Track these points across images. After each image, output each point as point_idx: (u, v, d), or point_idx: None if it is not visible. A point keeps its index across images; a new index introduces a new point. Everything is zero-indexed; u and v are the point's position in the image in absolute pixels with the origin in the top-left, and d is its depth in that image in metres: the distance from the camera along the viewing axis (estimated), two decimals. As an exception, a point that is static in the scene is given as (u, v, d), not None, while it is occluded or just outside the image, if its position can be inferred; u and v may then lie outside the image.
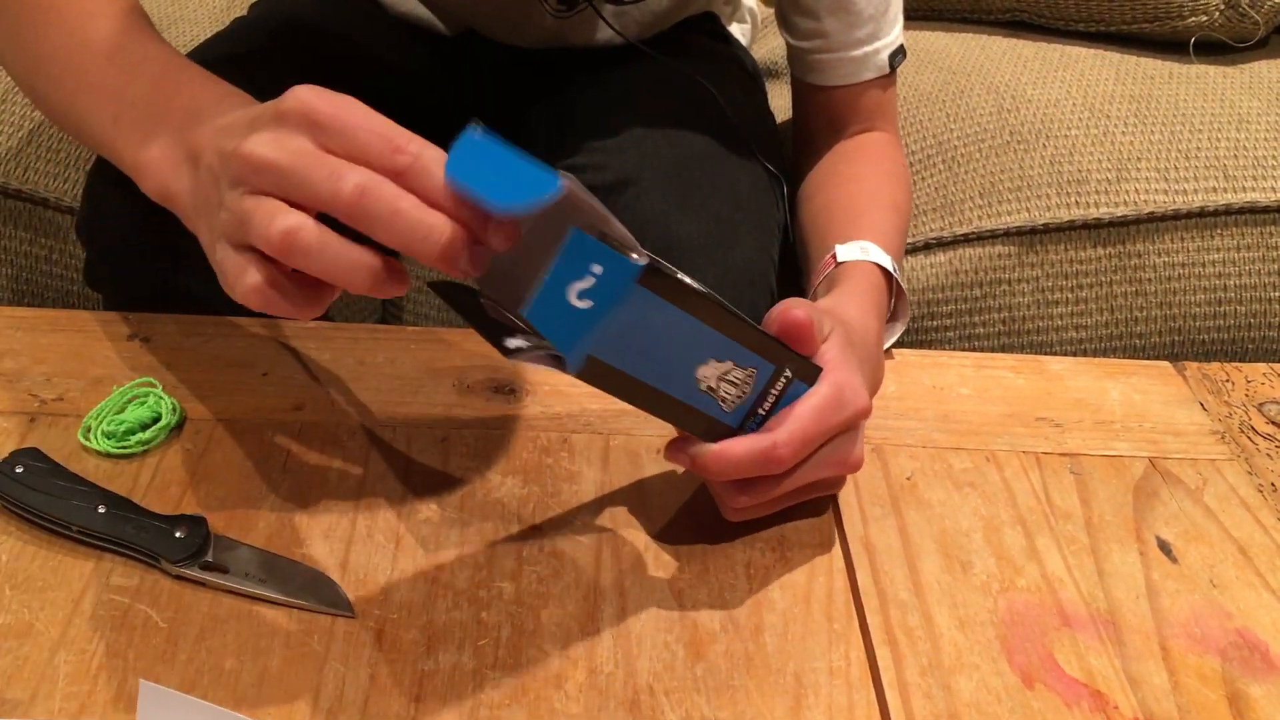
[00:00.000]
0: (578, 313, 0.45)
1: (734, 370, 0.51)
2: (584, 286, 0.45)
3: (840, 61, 0.79)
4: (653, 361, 0.49)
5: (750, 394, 0.52)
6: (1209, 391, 0.70)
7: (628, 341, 0.48)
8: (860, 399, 0.54)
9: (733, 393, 0.52)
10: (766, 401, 0.52)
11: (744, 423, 0.53)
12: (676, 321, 0.48)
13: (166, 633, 0.49)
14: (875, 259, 0.67)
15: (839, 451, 0.54)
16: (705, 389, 0.51)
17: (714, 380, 0.51)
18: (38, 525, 0.54)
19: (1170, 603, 0.55)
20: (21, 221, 0.92)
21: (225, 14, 1.14)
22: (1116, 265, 0.95)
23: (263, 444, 0.60)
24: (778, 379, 0.52)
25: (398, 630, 0.50)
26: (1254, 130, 1.01)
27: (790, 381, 0.52)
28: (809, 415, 0.52)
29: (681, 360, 0.50)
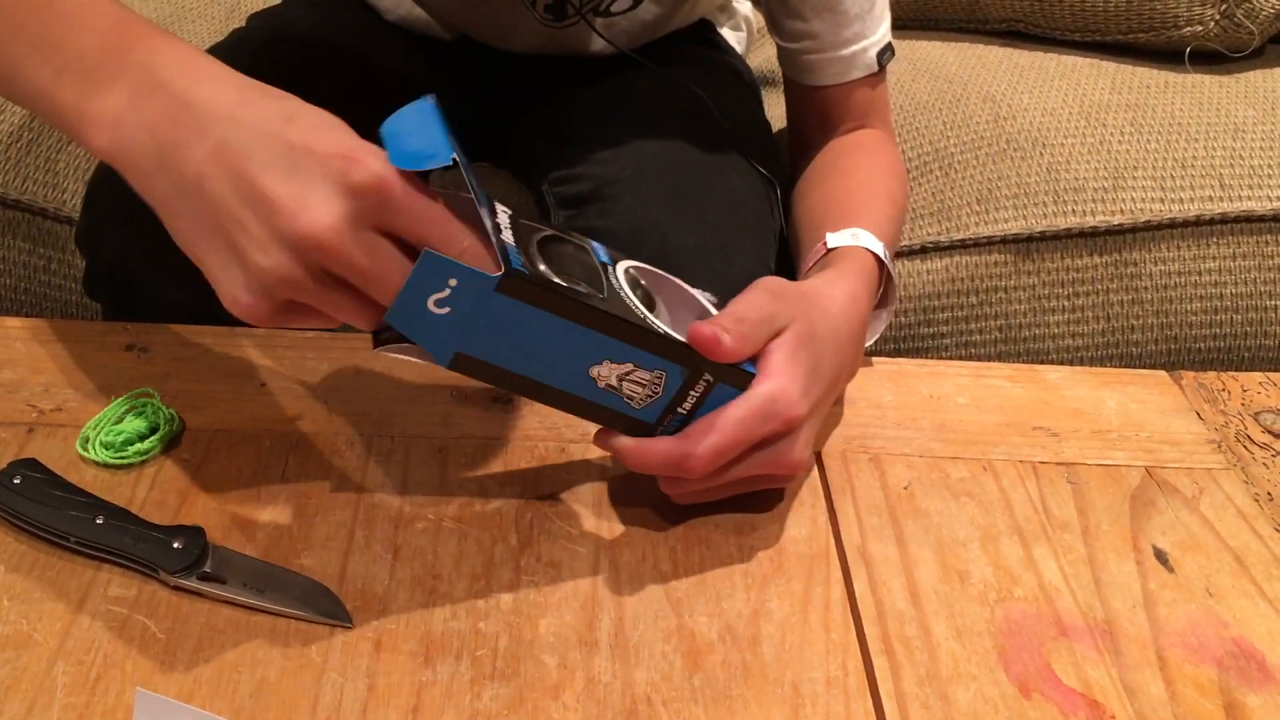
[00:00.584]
0: (438, 318, 0.48)
1: (637, 371, 0.52)
2: (441, 296, 0.47)
3: (829, 61, 0.80)
4: (534, 359, 0.51)
5: (662, 394, 0.53)
6: (1205, 401, 0.70)
7: (499, 340, 0.50)
8: (793, 409, 0.54)
9: (640, 392, 0.52)
10: (686, 402, 0.53)
11: (663, 418, 0.54)
12: (552, 325, 0.50)
13: (165, 643, 0.49)
14: (866, 244, 0.66)
15: (775, 454, 0.55)
16: (605, 387, 0.52)
17: (614, 380, 0.52)
18: (36, 536, 0.54)
19: (1167, 612, 0.55)
20: (20, 231, 0.92)
21: (224, 25, 1.15)
22: (1113, 273, 0.95)
23: (260, 454, 0.60)
24: (695, 383, 0.53)
25: (396, 640, 0.50)
26: (1250, 139, 1.01)
27: (713, 386, 0.53)
28: (729, 427, 0.53)
29: (570, 359, 0.51)
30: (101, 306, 0.77)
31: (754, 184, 0.83)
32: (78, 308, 0.93)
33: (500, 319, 0.49)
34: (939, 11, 1.26)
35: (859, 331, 0.62)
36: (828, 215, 0.73)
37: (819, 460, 0.63)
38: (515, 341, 0.50)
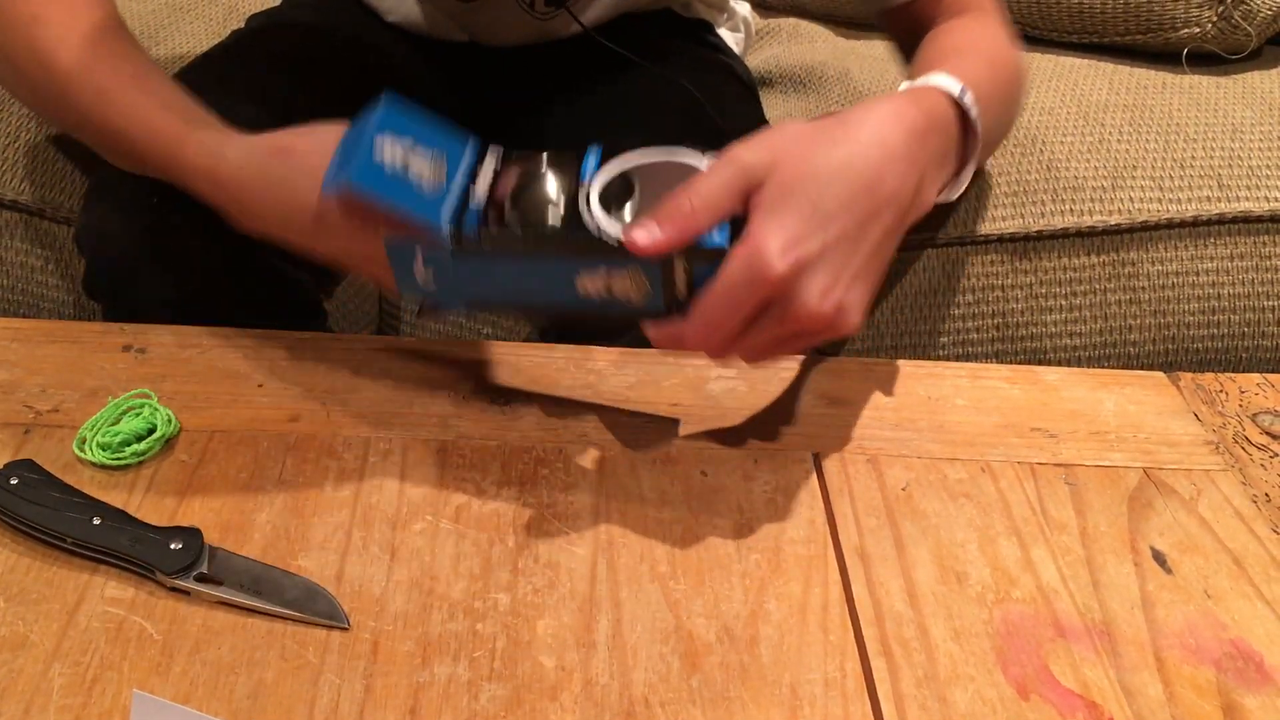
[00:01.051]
0: (429, 280, 0.56)
1: (615, 277, 0.53)
2: (421, 265, 0.55)
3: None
4: (526, 290, 0.55)
5: (651, 289, 0.53)
6: (1203, 402, 0.70)
7: (489, 283, 0.55)
8: (768, 269, 0.50)
9: (631, 290, 0.53)
10: (679, 287, 0.53)
11: (670, 305, 0.54)
12: (521, 265, 0.54)
13: (161, 645, 0.49)
14: (938, 83, 0.58)
15: (782, 316, 0.52)
16: (598, 296, 0.54)
17: (601, 289, 0.53)
18: (33, 537, 0.54)
19: (1165, 614, 0.55)
20: (18, 233, 0.91)
21: (222, 25, 1.15)
22: (1110, 273, 0.95)
23: (258, 455, 0.60)
24: (673, 270, 0.52)
25: (393, 642, 0.50)
26: (1248, 140, 1.01)
27: (691, 269, 0.52)
28: (709, 302, 0.51)
29: (554, 282, 0.54)
30: (100, 307, 0.77)
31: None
32: (75, 308, 0.92)
33: (476, 269, 0.55)
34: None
35: (897, 158, 0.54)
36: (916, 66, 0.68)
37: (816, 462, 0.63)
38: (501, 281, 0.55)
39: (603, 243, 0.52)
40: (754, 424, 0.65)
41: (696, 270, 0.52)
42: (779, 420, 0.66)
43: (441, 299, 0.57)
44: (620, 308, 0.54)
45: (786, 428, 0.65)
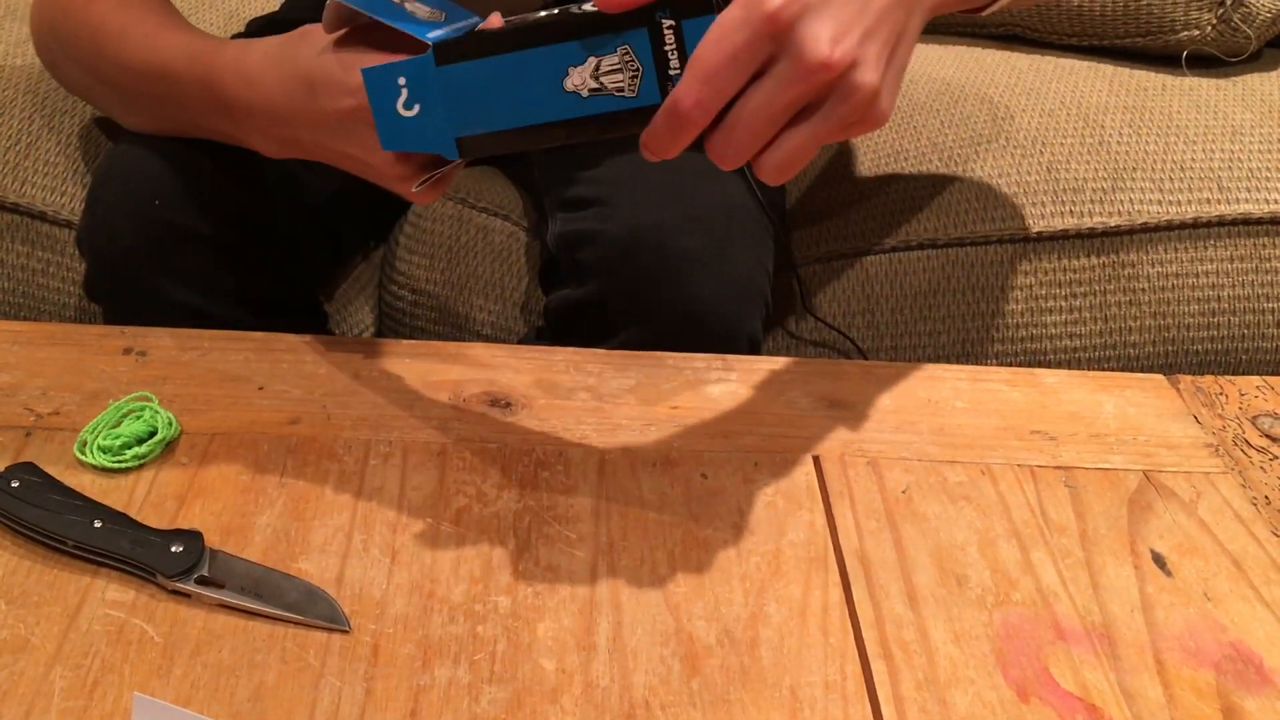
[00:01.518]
0: (416, 119, 0.54)
1: (604, 61, 0.50)
2: (404, 99, 0.53)
3: None
4: (519, 106, 0.52)
5: (645, 69, 0.49)
6: (1203, 404, 0.70)
7: (481, 106, 0.52)
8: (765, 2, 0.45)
9: (624, 78, 0.50)
10: (671, 62, 0.49)
11: (667, 91, 0.50)
12: (506, 65, 0.51)
13: (162, 647, 0.49)
14: None
15: (795, 64, 0.46)
16: (591, 93, 0.51)
17: (592, 82, 0.50)
18: (33, 540, 0.54)
19: (1165, 616, 0.55)
20: (19, 235, 0.92)
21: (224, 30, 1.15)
22: (1110, 275, 0.95)
23: (259, 458, 0.60)
24: (662, 36, 0.49)
25: (393, 644, 0.50)
26: (1247, 142, 1.01)
27: (679, 27, 0.48)
28: (701, 49, 0.46)
29: (543, 89, 0.51)
30: (102, 309, 0.77)
31: (746, 189, 0.83)
32: (76, 311, 0.93)
33: (462, 88, 0.52)
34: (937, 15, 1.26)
35: None
36: None
37: (816, 465, 0.63)
38: (488, 100, 0.52)
39: (586, 15, 0.49)
40: (754, 427, 0.65)
41: (689, 33, 0.48)
42: (779, 423, 0.66)
43: (430, 140, 0.54)
44: (617, 109, 0.50)
45: (786, 430, 0.65)
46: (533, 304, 0.92)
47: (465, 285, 0.92)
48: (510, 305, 0.93)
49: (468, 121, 0.53)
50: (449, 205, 0.95)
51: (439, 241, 0.93)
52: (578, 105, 0.51)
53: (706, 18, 0.47)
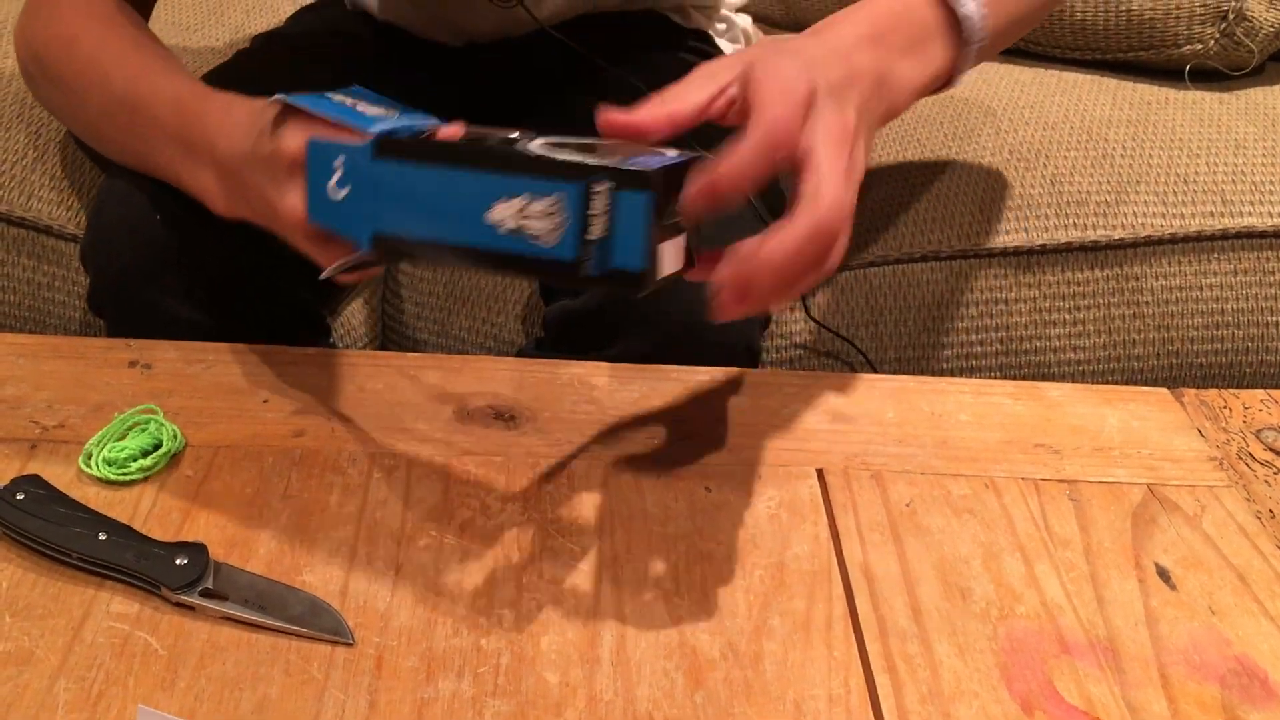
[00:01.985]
0: (343, 202, 0.54)
1: (532, 204, 0.49)
2: (338, 178, 0.54)
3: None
4: (438, 220, 0.52)
5: (569, 224, 0.49)
6: (1207, 418, 0.70)
7: (404, 209, 0.52)
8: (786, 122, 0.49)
9: (544, 226, 0.49)
10: (594, 226, 0.48)
11: (582, 252, 0.49)
12: (440, 178, 0.51)
13: (166, 660, 0.50)
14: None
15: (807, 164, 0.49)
16: (508, 232, 0.50)
17: (513, 221, 0.50)
18: (38, 552, 0.54)
19: (1169, 630, 0.55)
20: (25, 249, 0.92)
21: (229, 46, 1.16)
22: (1114, 288, 0.95)
23: (263, 471, 0.60)
24: (592, 197, 0.48)
25: (397, 657, 0.50)
26: (1251, 155, 1.01)
27: (613, 196, 0.48)
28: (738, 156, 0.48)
29: (466, 210, 0.50)
30: (105, 323, 0.77)
31: (748, 200, 0.83)
32: (81, 324, 0.93)
33: (392, 186, 0.53)
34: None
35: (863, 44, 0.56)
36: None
37: (820, 478, 0.63)
38: (413, 206, 0.52)
39: (529, 158, 0.50)
40: (758, 439, 0.65)
41: (621, 202, 0.48)
42: (783, 435, 0.66)
43: (350, 226, 0.54)
44: (527, 251, 0.50)
45: (790, 443, 0.65)
46: (533, 315, 0.92)
47: (467, 297, 0.93)
48: (511, 317, 0.93)
49: (388, 220, 0.53)
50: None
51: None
52: (493, 238, 0.50)
53: (642, 194, 0.48)
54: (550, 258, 0.50)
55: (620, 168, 0.48)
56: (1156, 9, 1.16)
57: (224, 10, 1.22)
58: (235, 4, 1.24)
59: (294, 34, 0.95)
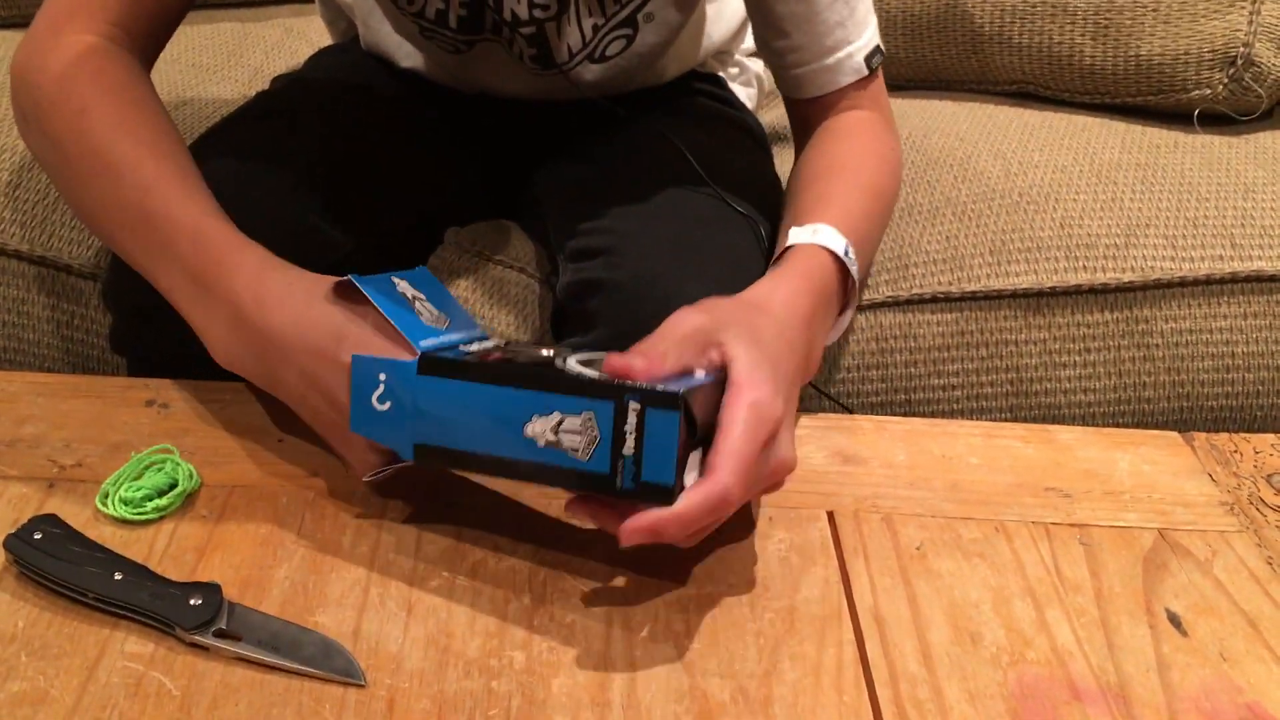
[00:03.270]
0: (385, 414, 0.56)
1: (566, 420, 0.53)
2: (380, 393, 0.56)
3: (816, 72, 0.81)
4: (478, 433, 0.55)
5: (601, 439, 0.52)
6: (1217, 463, 0.70)
7: (445, 422, 0.55)
8: (774, 408, 0.54)
9: (578, 441, 0.53)
10: (627, 441, 0.52)
11: (615, 466, 0.52)
12: (479, 394, 0.55)
13: (180, 701, 0.50)
14: (824, 241, 0.67)
15: (768, 461, 0.55)
16: (546, 444, 0.53)
17: (549, 434, 0.53)
18: (54, 592, 0.54)
19: (1181, 676, 0.55)
20: (45, 287, 0.93)
21: (247, 86, 1.17)
22: (1124, 330, 0.95)
23: (277, 511, 0.61)
24: (624, 416, 0.52)
25: (409, 699, 0.51)
26: (1260, 200, 1.02)
27: (643, 414, 0.52)
28: (740, 443, 0.52)
29: (505, 424, 0.54)
30: (126, 361, 0.78)
31: (755, 239, 0.84)
32: (99, 363, 0.94)
33: (433, 399, 0.55)
34: (949, 73, 1.28)
35: (804, 330, 0.63)
36: (799, 202, 0.74)
37: (831, 521, 0.63)
38: (454, 419, 0.55)
39: (566, 376, 0.54)
40: (768, 482, 0.65)
41: (650, 422, 0.51)
42: (793, 478, 0.66)
43: (392, 436, 0.57)
44: (562, 465, 0.53)
45: (801, 486, 0.65)
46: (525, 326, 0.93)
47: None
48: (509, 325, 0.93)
49: (430, 432, 0.56)
50: (466, 258, 0.96)
51: (456, 294, 0.94)
52: (531, 450, 0.54)
53: (671, 413, 0.51)
54: (585, 470, 0.53)
55: (650, 388, 0.52)
56: (1165, 54, 1.17)
57: (243, 52, 1.24)
58: (254, 46, 1.26)
59: (314, 79, 0.96)
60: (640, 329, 0.75)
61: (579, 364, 0.56)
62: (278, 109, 0.88)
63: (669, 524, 0.51)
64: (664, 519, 0.51)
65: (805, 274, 0.66)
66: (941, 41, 1.25)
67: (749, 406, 0.53)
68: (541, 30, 0.84)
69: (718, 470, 0.52)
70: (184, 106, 1.09)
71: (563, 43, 0.86)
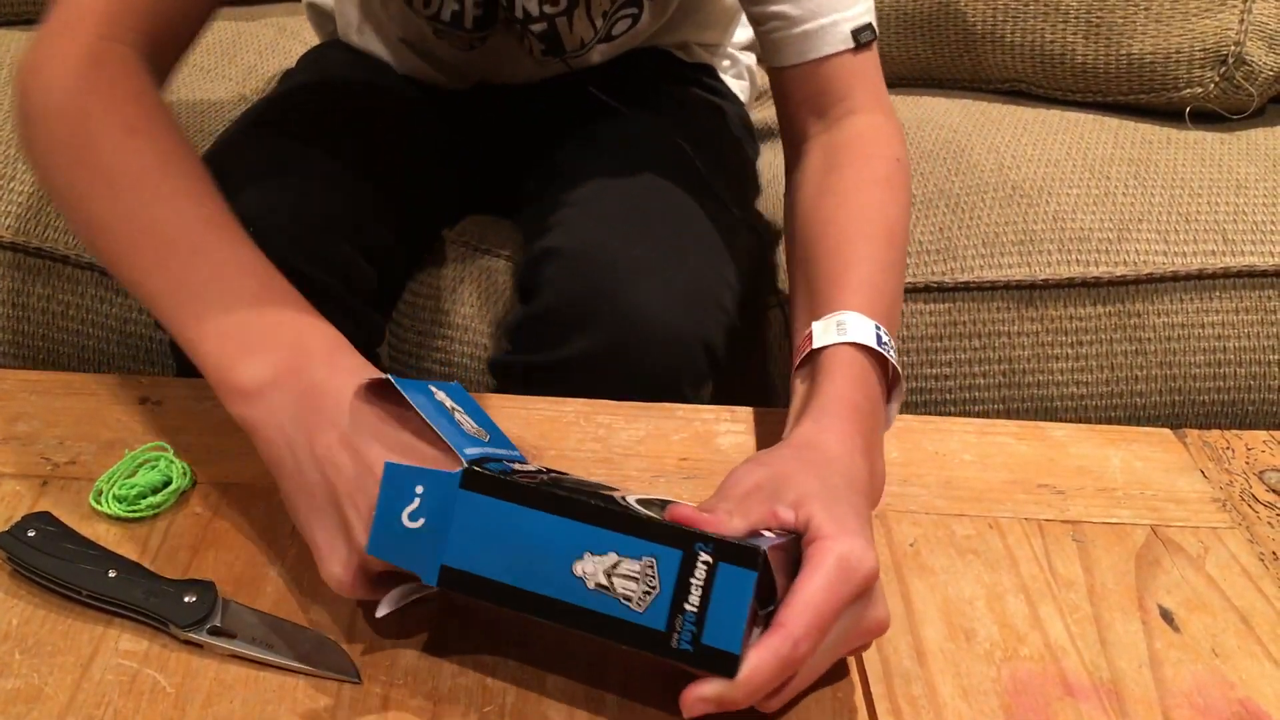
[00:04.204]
0: (414, 532, 0.49)
1: (624, 562, 0.47)
2: (413, 508, 0.49)
3: (797, 37, 0.75)
4: (515, 563, 0.48)
5: (660, 588, 0.46)
6: (1210, 459, 0.70)
7: (478, 545, 0.48)
8: (867, 561, 0.49)
9: (635, 588, 0.47)
10: (691, 595, 0.46)
11: (673, 621, 0.46)
12: (527, 520, 0.48)
13: (174, 698, 0.50)
14: (854, 337, 0.61)
15: (858, 619, 0.50)
16: (595, 587, 0.47)
17: (601, 576, 0.47)
18: (48, 589, 0.54)
19: (1173, 672, 0.55)
20: (40, 278, 0.93)
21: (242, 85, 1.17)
22: (1116, 324, 0.96)
23: (272, 508, 0.60)
24: (693, 567, 0.46)
25: (404, 696, 0.51)
26: (1252, 195, 1.02)
27: (714, 568, 0.46)
28: (819, 597, 0.47)
29: (550, 557, 0.48)
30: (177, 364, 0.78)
31: (717, 210, 0.82)
32: (95, 354, 0.94)
33: (473, 520, 0.49)
34: (942, 71, 1.28)
35: (865, 461, 0.57)
36: (815, 279, 0.68)
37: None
38: (492, 544, 0.48)
39: (629, 514, 0.48)
40: (763, 478, 0.66)
41: (724, 575, 0.46)
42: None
43: (416, 558, 0.49)
44: (610, 614, 0.47)
45: (795, 482, 0.65)
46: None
47: (469, 326, 0.93)
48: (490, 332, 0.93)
49: (462, 555, 0.49)
50: (454, 248, 0.96)
51: (444, 284, 0.94)
52: (576, 592, 0.47)
53: (749, 573, 0.45)
54: (637, 622, 0.47)
55: (726, 540, 0.46)
56: (1157, 53, 1.17)
57: (237, 52, 1.24)
58: (248, 46, 1.26)
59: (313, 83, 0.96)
60: (583, 291, 0.75)
61: (638, 504, 0.50)
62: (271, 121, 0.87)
63: (736, 694, 0.46)
64: (731, 691, 0.46)
65: (847, 397, 0.60)
66: (934, 40, 1.25)
67: (836, 558, 0.48)
68: (553, 25, 0.84)
69: (788, 623, 0.46)
70: (178, 105, 1.09)
71: (575, 35, 0.86)
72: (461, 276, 0.94)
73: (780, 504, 0.51)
